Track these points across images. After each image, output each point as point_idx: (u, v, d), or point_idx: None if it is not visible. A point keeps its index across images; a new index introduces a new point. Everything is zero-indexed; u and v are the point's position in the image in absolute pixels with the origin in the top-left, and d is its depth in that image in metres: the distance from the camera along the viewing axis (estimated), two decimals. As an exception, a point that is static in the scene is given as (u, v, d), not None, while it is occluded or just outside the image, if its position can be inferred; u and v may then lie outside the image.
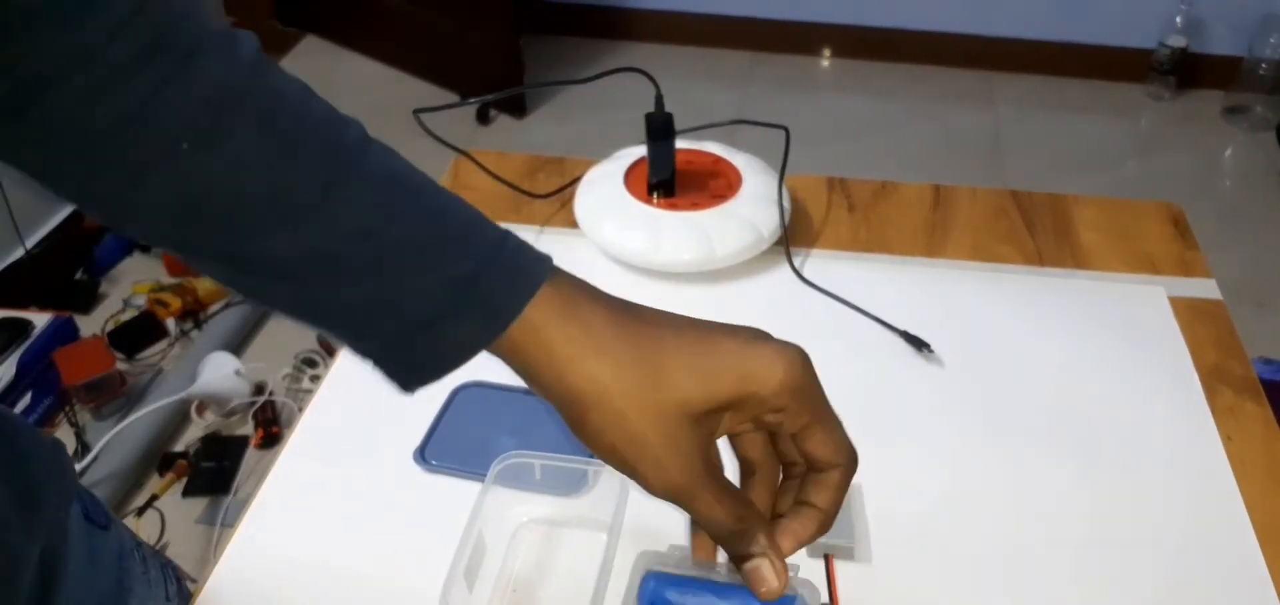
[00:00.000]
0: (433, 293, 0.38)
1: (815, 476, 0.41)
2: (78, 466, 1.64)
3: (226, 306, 2.04)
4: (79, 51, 0.34)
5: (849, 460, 0.41)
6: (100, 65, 0.34)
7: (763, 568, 0.40)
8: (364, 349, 0.40)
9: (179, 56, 0.35)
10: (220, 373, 1.79)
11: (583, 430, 0.39)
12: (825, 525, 0.41)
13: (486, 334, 0.40)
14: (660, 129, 0.81)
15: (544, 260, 0.41)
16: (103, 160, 0.35)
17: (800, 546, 0.41)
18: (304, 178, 0.37)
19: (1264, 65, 2.62)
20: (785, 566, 0.40)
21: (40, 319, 1.92)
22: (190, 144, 0.35)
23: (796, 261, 0.83)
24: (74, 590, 0.54)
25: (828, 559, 0.61)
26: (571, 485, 0.63)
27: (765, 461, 0.43)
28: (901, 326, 0.76)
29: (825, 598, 0.59)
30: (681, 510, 0.40)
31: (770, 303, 0.80)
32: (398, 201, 0.39)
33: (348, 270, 0.38)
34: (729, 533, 0.40)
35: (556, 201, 0.90)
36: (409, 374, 0.40)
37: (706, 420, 0.40)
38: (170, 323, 2.02)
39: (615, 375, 0.38)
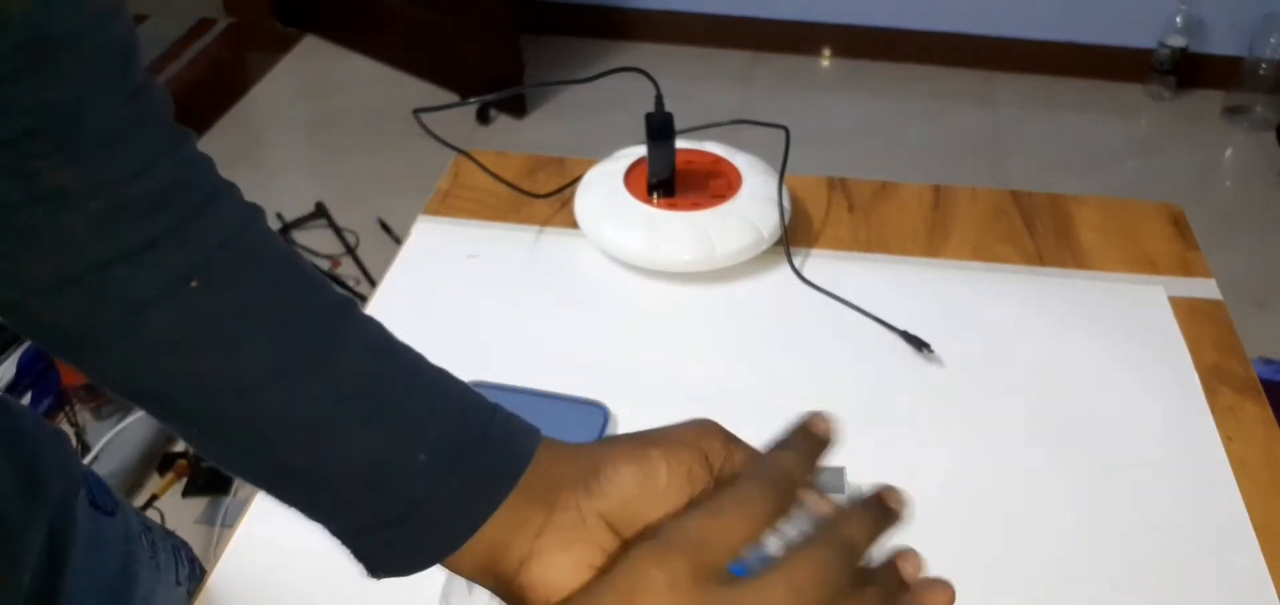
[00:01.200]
0: (422, 464, 0.36)
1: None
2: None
3: (226, 306, 2.03)
4: (98, 178, 0.34)
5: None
6: (117, 196, 0.34)
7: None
8: (338, 529, 0.38)
9: (204, 195, 0.36)
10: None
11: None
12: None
13: (481, 507, 0.37)
14: (660, 129, 0.81)
15: (534, 433, 0.39)
16: (106, 291, 0.34)
17: None
18: (305, 330, 0.36)
19: (1264, 65, 2.62)
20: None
21: (40, 319, 1.91)
22: (200, 282, 0.35)
23: (796, 261, 0.83)
24: (80, 575, 0.55)
25: (827, 559, 0.61)
26: (571, 485, 0.63)
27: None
28: (901, 326, 0.76)
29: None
30: None
31: (770, 303, 0.80)
32: (390, 366, 0.38)
33: (335, 433, 0.36)
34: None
35: (556, 201, 0.90)
36: (381, 561, 0.39)
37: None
38: (170, 323, 2.01)
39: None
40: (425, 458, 0.36)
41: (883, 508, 0.38)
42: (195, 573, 0.68)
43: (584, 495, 0.36)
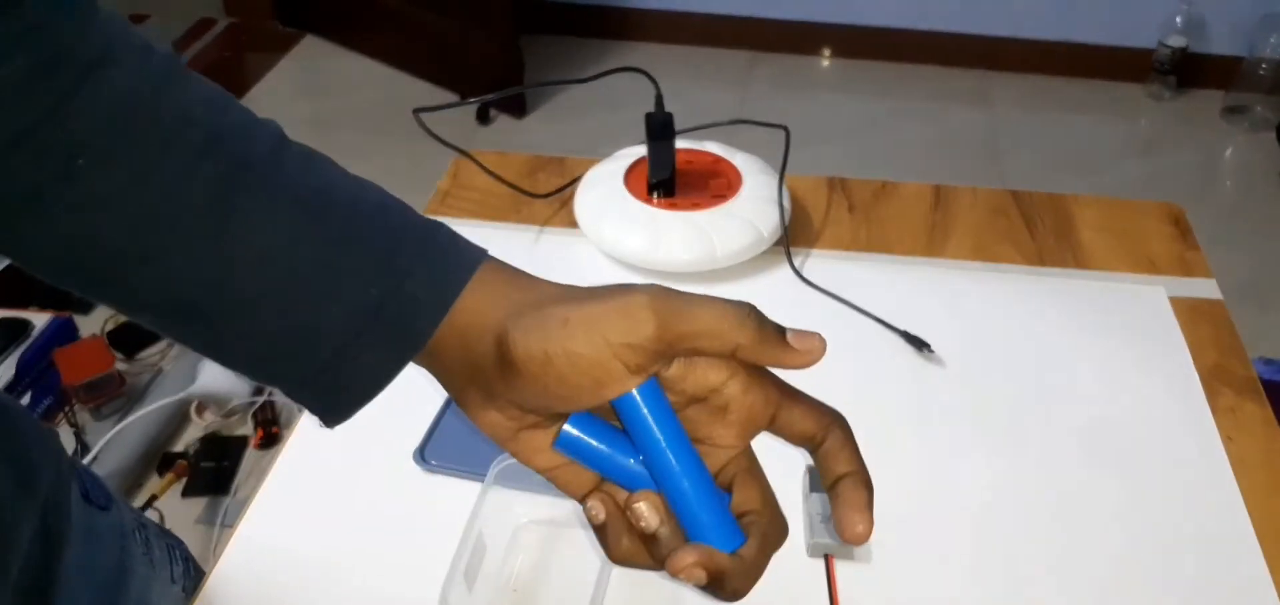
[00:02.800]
0: (343, 320, 0.37)
1: (822, 453, 0.38)
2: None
3: (226, 306, 2.03)
4: None
5: (836, 416, 0.39)
6: None
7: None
8: (280, 384, 0.39)
9: (80, 70, 0.34)
10: (220, 373, 1.78)
11: (519, 374, 0.37)
12: (865, 482, 0.38)
13: (413, 342, 0.38)
14: (660, 129, 0.81)
15: (476, 253, 0.40)
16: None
17: (867, 517, 0.37)
18: (204, 199, 0.35)
19: (1264, 65, 2.62)
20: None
21: (40, 319, 1.92)
22: (87, 160, 0.34)
23: (796, 261, 0.83)
24: (73, 569, 0.54)
25: (828, 559, 0.61)
26: (571, 485, 0.63)
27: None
28: (902, 326, 0.76)
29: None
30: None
31: (770, 303, 0.79)
32: (304, 223, 0.37)
33: (251, 302, 0.36)
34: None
35: (556, 201, 0.90)
36: (332, 406, 0.40)
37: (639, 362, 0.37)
38: (170, 323, 2.01)
39: (535, 346, 0.36)
40: (341, 317, 0.37)
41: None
42: (190, 571, 0.68)
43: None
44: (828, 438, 0.38)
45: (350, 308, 0.37)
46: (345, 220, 0.38)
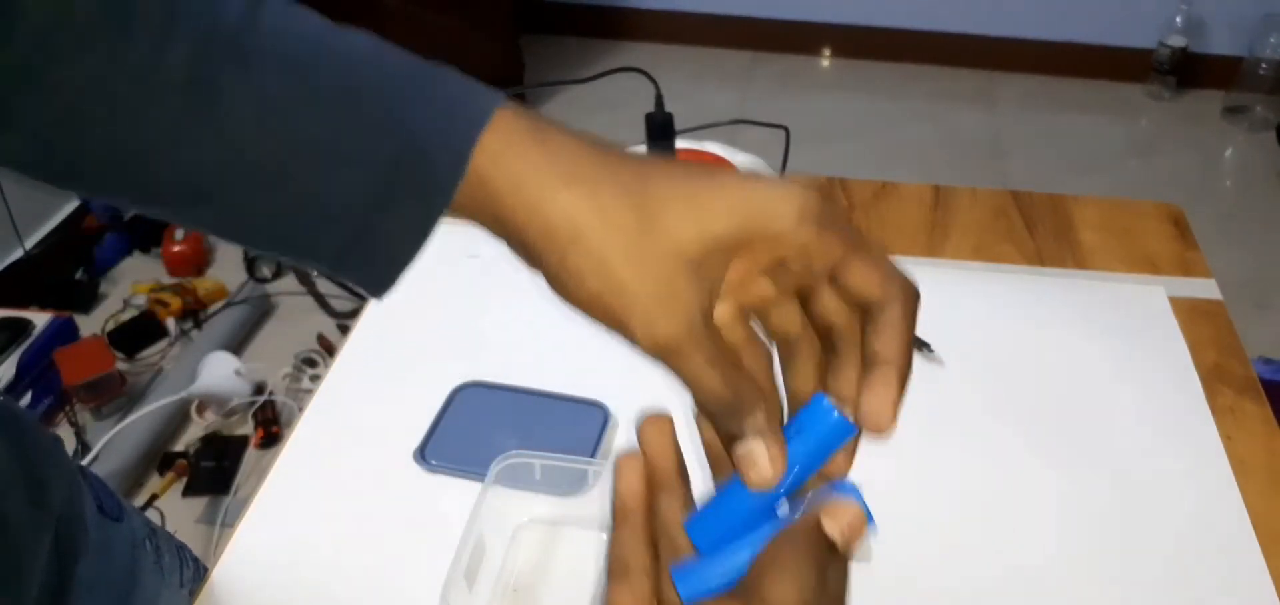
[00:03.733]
0: (360, 185, 0.34)
1: (873, 325, 0.34)
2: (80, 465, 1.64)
3: (226, 306, 2.04)
4: None
5: (904, 288, 0.34)
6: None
7: (755, 450, 0.33)
8: (318, 263, 0.37)
9: None
10: (220, 372, 1.79)
11: (562, 276, 0.34)
12: (904, 376, 0.34)
13: (438, 196, 0.35)
14: (660, 129, 0.81)
15: (493, 95, 0.36)
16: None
17: (896, 409, 0.34)
18: (182, 78, 0.33)
19: (1264, 65, 2.62)
20: (783, 453, 0.33)
21: (40, 319, 1.92)
22: (42, 63, 0.32)
23: (797, 261, 0.83)
24: (86, 581, 0.54)
25: (828, 559, 0.61)
26: (571, 485, 0.63)
27: (803, 335, 0.36)
28: (902, 326, 0.76)
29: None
30: (669, 372, 0.34)
31: (770, 303, 0.80)
32: (296, 85, 0.34)
33: (257, 177, 0.34)
34: (722, 404, 0.33)
35: (556, 201, 0.90)
36: (374, 277, 0.37)
37: (706, 266, 0.33)
38: (170, 323, 2.02)
39: (594, 209, 0.33)
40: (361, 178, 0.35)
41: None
42: (199, 574, 0.68)
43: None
44: (887, 308, 0.33)
45: (366, 170, 0.34)
46: (341, 75, 0.35)
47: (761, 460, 0.33)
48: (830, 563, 0.32)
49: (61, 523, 0.53)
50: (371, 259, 0.37)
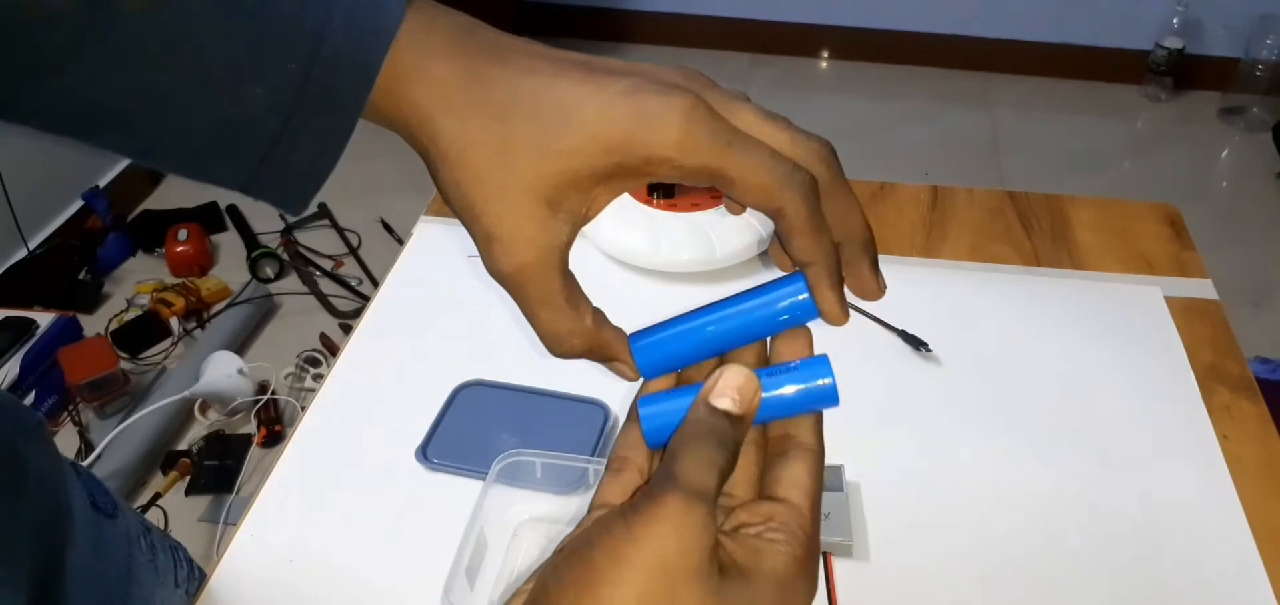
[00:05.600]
0: (269, 104, 0.33)
1: (783, 231, 0.35)
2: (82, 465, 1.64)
3: (230, 306, 2.04)
4: None
5: (798, 182, 0.33)
6: None
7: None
8: (230, 182, 0.36)
9: None
10: (223, 372, 1.79)
11: (443, 193, 0.36)
12: (832, 268, 0.35)
13: (346, 114, 0.35)
14: (660, 130, 0.82)
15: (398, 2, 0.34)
16: None
17: (838, 298, 0.35)
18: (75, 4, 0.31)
19: (1260, 66, 2.63)
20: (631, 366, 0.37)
21: (44, 319, 1.92)
22: None
23: (795, 262, 0.83)
24: (80, 578, 0.55)
25: (826, 557, 0.61)
26: (572, 483, 0.64)
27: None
28: (899, 326, 0.77)
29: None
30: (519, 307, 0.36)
31: (769, 303, 0.80)
32: (203, 6, 0.33)
33: (165, 98, 0.33)
34: (549, 342, 0.36)
35: (557, 202, 0.90)
36: (289, 196, 0.36)
37: (564, 200, 0.34)
38: (173, 322, 2.02)
39: (463, 138, 0.34)
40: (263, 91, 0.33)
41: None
42: (193, 574, 0.69)
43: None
44: (787, 215, 0.34)
45: (272, 86, 0.33)
46: None
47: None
48: (732, 431, 0.33)
49: (44, 506, 0.53)
50: (285, 180, 0.36)
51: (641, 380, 0.38)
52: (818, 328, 0.38)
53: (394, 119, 0.36)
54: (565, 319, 0.35)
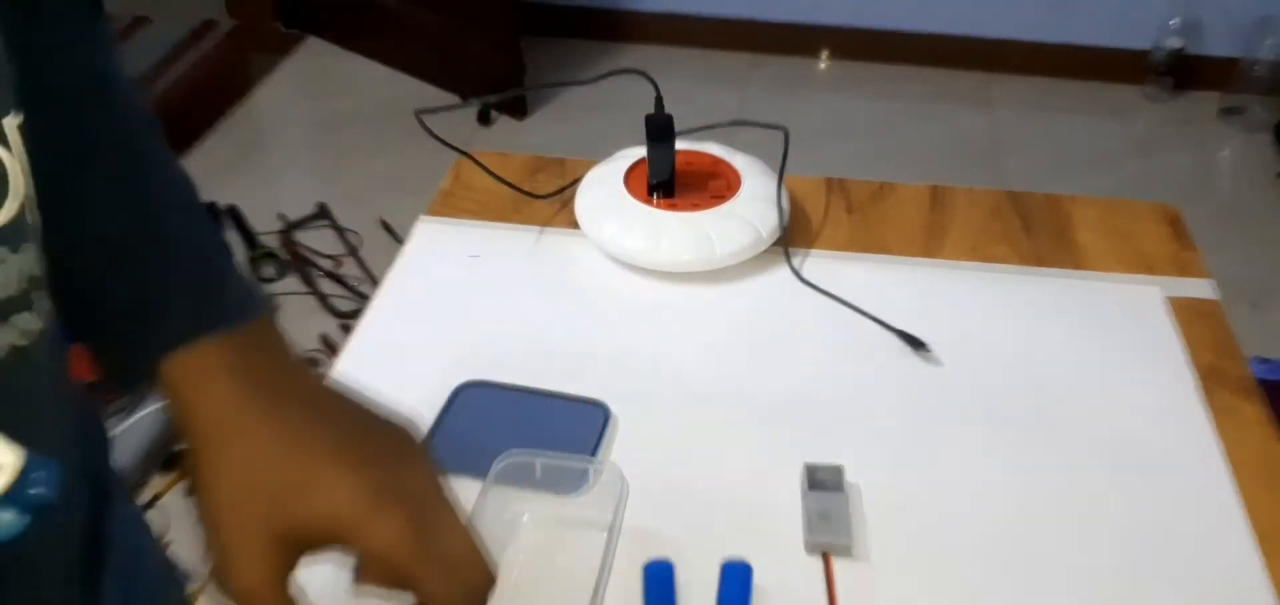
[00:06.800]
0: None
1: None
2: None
3: (227, 307, 2.04)
4: None
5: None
6: None
7: None
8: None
9: None
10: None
11: (195, 488, 0.44)
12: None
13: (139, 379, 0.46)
14: (660, 130, 0.82)
15: (221, 315, 0.45)
16: None
17: None
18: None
19: (1260, 66, 2.63)
20: None
21: (42, 320, 1.92)
22: None
23: (795, 262, 0.84)
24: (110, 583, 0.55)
25: (826, 558, 0.61)
26: (571, 484, 0.64)
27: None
28: (899, 326, 0.77)
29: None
30: None
31: (769, 303, 0.80)
32: (138, 228, 0.46)
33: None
34: None
35: (557, 202, 0.91)
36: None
37: (291, 546, 0.42)
38: (171, 323, 2.02)
39: (225, 462, 0.42)
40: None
41: None
42: (176, 579, 0.69)
43: None
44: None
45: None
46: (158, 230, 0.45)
47: None
48: None
49: (98, 464, 0.54)
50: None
51: None
52: (819, 326, 0.38)
53: (174, 405, 0.44)
54: None
